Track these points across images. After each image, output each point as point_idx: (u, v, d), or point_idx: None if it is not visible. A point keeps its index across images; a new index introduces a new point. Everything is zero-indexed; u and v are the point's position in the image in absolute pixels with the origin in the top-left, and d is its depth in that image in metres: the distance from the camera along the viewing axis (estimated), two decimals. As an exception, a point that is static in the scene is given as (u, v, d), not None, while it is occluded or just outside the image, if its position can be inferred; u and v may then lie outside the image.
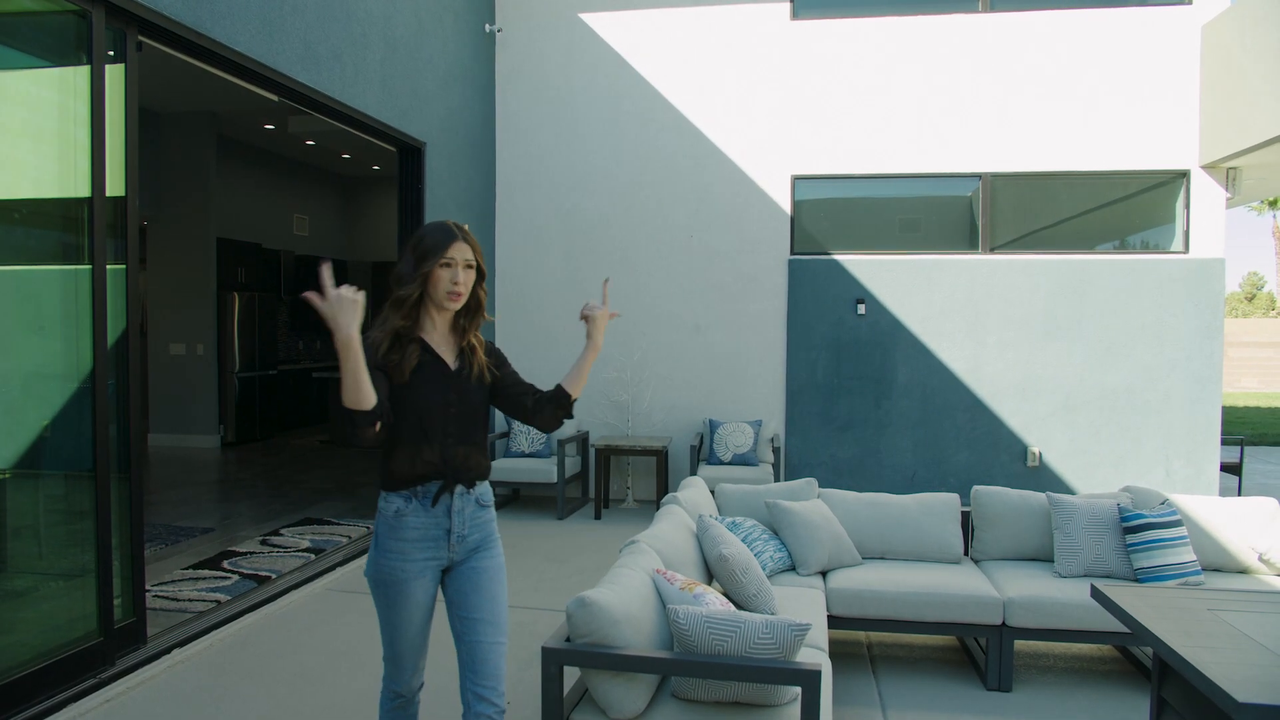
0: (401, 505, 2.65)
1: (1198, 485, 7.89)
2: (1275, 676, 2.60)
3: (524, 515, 8.03)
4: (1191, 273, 7.95)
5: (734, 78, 8.47)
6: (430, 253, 2.62)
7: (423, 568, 2.66)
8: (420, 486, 2.65)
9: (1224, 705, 2.48)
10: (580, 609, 2.79)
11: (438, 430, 2.64)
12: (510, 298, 8.84)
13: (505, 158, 8.85)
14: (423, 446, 2.63)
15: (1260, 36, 7.13)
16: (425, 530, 2.65)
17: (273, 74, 5.35)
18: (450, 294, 2.63)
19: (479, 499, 2.76)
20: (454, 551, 2.71)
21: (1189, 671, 2.68)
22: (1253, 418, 17.41)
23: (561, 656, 2.79)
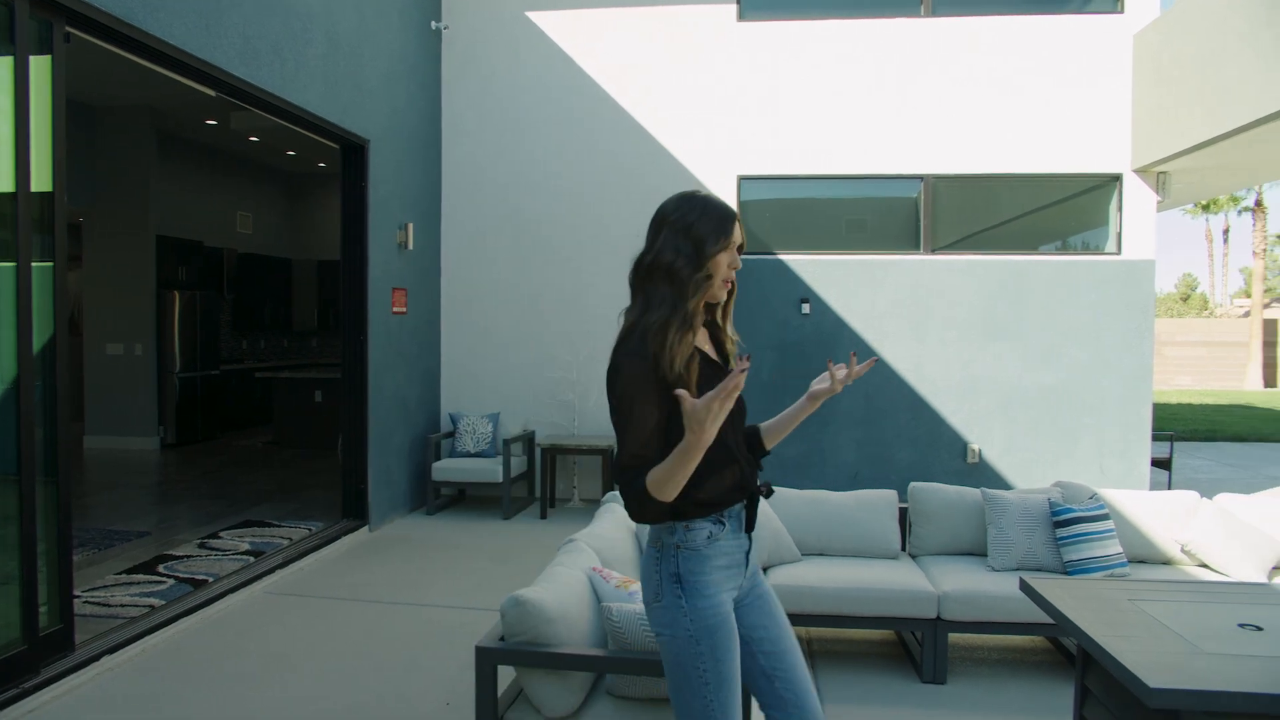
0: (714, 529, 2.25)
1: (1130, 480, 8.11)
2: (1186, 662, 2.69)
3: (470, 515, 7.99)
4: (1124, 274, 8.17)
5: (681, 78, 8.51)
6: (713, 234, 2.25)
7: (730, 598, 2.27)
8: (727, 510, 2.27)
9: (1137, 691, 2.56)
10: (514, 608, 2.79)
11: (736, 444, 2.30)
12: (455, 298, 8.78)
13: (451, 156, 8.79)
14: (730, 466, 2.26)
15: (1187, 46, 7.35)
16: (733, 556, 2.28)
17: (210, 69, 5.26)
18: (727, 281, 2.30)
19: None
20: (746, 576, 2.34)
21: (1106, 659, 2.76)
22: (1185, 414, 17.93)
23: (495, 656, 2.79)
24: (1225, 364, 27.41)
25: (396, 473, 7.79)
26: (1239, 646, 2.84)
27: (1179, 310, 45.26)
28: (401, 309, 7.85)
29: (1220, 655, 2.75)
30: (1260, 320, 27.59)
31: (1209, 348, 27.52)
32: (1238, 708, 2.53)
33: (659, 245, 2.30)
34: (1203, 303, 44.89)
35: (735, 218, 2.32)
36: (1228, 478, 10.46)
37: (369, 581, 5.93)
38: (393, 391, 7.70)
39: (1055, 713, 3.97)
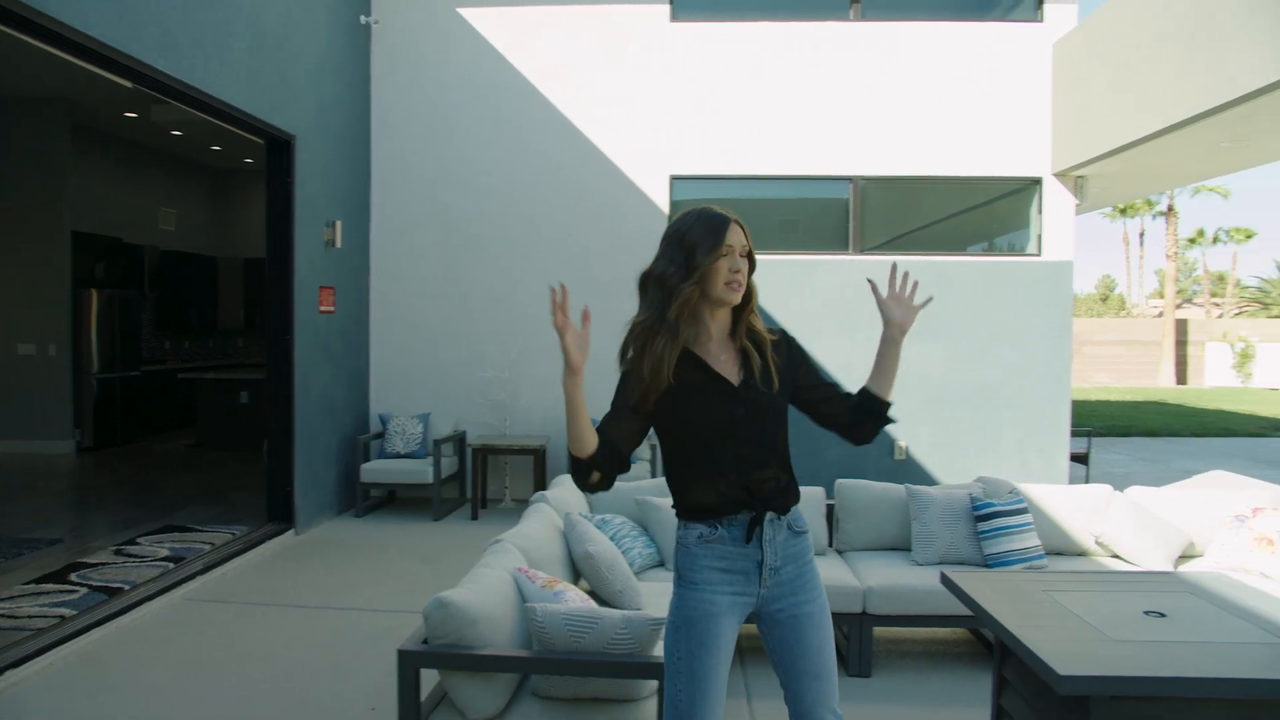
0: (706, 531, 2.33)
1: (1050, 475, 8.35)
2: (1095, 650, 2.78)
3: (400, 517, 7.88)
4: (1044, 275, 8.41)
5: (614, 77, 8.51)
6: (703, 243, 2.31)
7: (731, 604, 2.32)
8: (727, 518, 2.32)
9: (1048, 679, 2.64)
10: (437, 610, 2.76)
11: (729, 455, 2.31)
12: (384, 297, 8.65)
13: (380, 153, 8.65)
14: (715, 476, 2.31)
15: (1103, 56, 7.60)
16: (733, 563, 2.32)
17: (127, 60, 5.09)
18: (730, 284, 2.32)
19: (793, 525, 2.40)
20: (765, 588, 2.34)
21: (1020, 649, 2.84)
22: (1103, 410, 18.54)
23: (418, 659, 2.76)
24: (1141, 362, 28.43)
25: (324, 474, 7.65)
26: (1144, 633, 2.94)
27: (1098, 310, 46.77)
28: (329, 307, 7.71)
29: (1127, 642, 2.85)
30: (1173, 320, 28.68)
31: (1126, 346, 28.51)
32: (1142, 691, 2.63)
33: (657, 255, 2.40)
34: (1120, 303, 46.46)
35: (729, 225, 2.35)
36: (1141, 471, 10.84)
37: (294, 586, 5.81)
38: (320, 391, 7.55)
39: (976, 702, 4.06)
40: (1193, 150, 7.34)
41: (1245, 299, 39.17)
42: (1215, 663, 2.72)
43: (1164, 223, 32.39)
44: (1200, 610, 3.19)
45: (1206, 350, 28.16)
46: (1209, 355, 28.07)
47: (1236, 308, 39.03)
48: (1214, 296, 40.06)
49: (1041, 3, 8.39)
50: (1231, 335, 28.03)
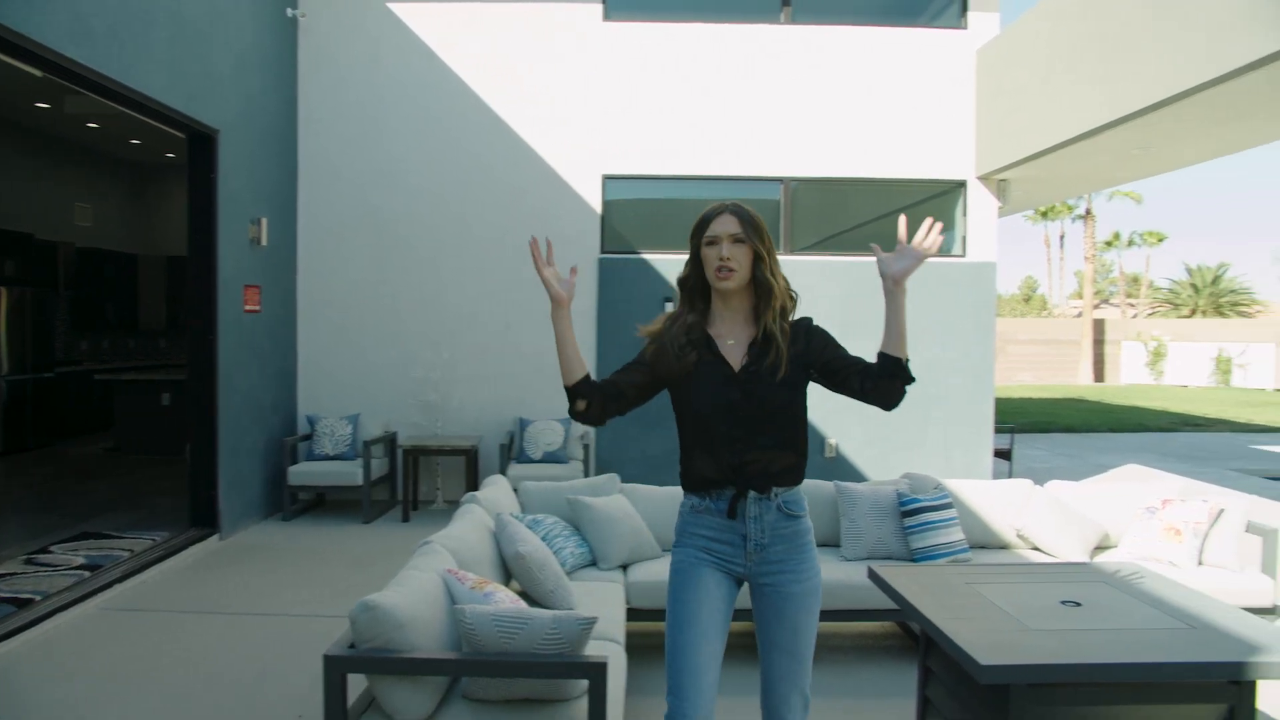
0: (697, 503, 2.56)
1: (974, 470, 8.57)
2: (1015, 639, 2.86)
3: (329, 520, 7.74)
4: (969, 275, 8.63)
5: (547, 76, 8.48)
6: (695, 232, 2.53)
7: (717, 563, 2.53)
8: (714, 492, 2.52)
9: (970, 669, 2.71)
10: (364, 613, 2.72)
11: (721, 435, 2.47)
12: (312, 296, 8.48)
13: (308, 150, 8.47)
14: (707, 453, 2.49)
15: (1022, 64, 7.82)
16: (719, 533, 2.53)
17: (34, 46, 4.88)
18: (718, 271, 2.47)
19: (784, 506, 2.52)
20: (751, 561, 2.52)
21: (944, 641, 2.91)
22: (1027, 408, 19.09)
23: (343, 664, 2.71)
24: (1061, 361, 29.34)
25: (250, 477, 7.47)
26: (1061, 622, 3.04)
27: (1021, 310, 48.12)
28: (255, 307, 7.53)
29: (1044, 631, 2.94)
30: (1090, 320, 29.67)
31: (1047, 345, 29.39)
32: (1058, 678, 2.72)
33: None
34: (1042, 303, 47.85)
35: (716, 215, 2.53)
36: (1061, 466, 11.19)
37: (218, 592, 5.66)
38: (246, 392, 7.37)
39: (903, 694, 4.14)
40: (1107, 156, 7.61)
41: (1158, 300, 40.69)
42: (1126, 648, 2.82)
43: (1082, 226, 33.48)
44: (1113, 599, 3.31)
45: (1122, 349, 29.18)
46: (1124, 354, 29.10)
47: (1150, 308, 40.53)
48: (1129, 297, 41.55)
49: (966, 11, 8.60)
50: (1145, 335, 29.10)
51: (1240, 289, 37.47)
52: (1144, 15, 6.11)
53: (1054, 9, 7.29)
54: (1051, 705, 2.83)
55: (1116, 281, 42.61)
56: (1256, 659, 2.75)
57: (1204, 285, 37.80)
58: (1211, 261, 46.58)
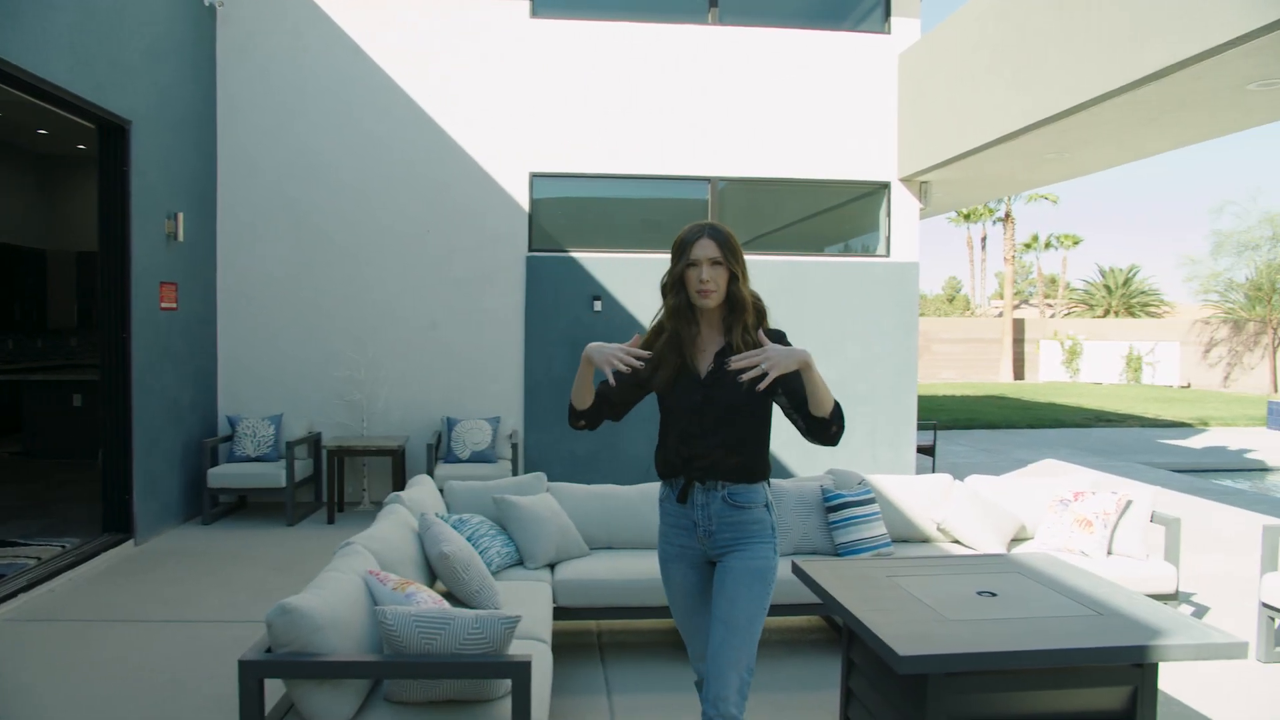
0: (662, 492, 2.90)
1: (898, 466, 8.75)
2: (932, 630, 2.93)
3: (251, 523, 7.55)
4: (892, 275, 8.81)
5: (473, 72, 8.40)
6: (677, 255, 2.76)
7: (679, 552, 2.86)
8: (671, 480, 2.84)
9: (889, 660, 2.76)
10: (280, 617, 2.65)
11: (682, 431, 2.76)
12: (233, 293, 8.25)
13: (227, 143, 8.24)
14: (666, 445, 2.82)
15: (942, 69, 8.01)
16: (677, 519, 2.85)
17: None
18: (700, 292, 2.72)
19: (729, 498, 2.76)
20: (704, 544, 2.81)
21: (864, 633, 2.96)
22: (949, 405, 19.57)
23: (259, 669, 2.64)
24: (983, 359, 30.14)
25: (167, 481, 7.24)
26: (976, 612, 3.12)
27: (945, 310, 49.28)
28: (171, 304, 7.30)
29: (961, 621, 3.02)
30: (1010, 320, 30.54)
31: (969, 344, 30.16)
32: (973, 666, 2.79)
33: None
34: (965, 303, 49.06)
35: (696, 240, 2.73)
36: (982, 461, 11.49)
37: (132, 600, 5.47)
38: (161, 393, 7.14)
39: (827, 686, 4.21)
40: (1023, 160, 7.84)
41: (1074, 300, 42.05)
42: (1038, 636, 2.91)
43: (1002, 228, 34.42)
44: (1027, 589, 3.41)
45: (1040, 348, 30.10)
46: (1042, 353, 30.02)
47: (1067, 308, 41.88)
48: (1047, 298, 42.85)
49: (889, 16, 8.77)
50: (1062, 334, 30.07)
51: (1149, 290, 38.95)
52: (1054, 25, 6.32)
53: (971, 16, 7.48)
54: (967, 693, 2.91)
55: (1035, 282, 43.89)
56: (1157, 643, 2.87)
57: (1116, 287, 39.20)
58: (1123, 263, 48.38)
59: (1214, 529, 7.48)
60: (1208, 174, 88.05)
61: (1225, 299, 26.37)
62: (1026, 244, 39.23)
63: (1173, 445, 13.68)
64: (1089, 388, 25.94)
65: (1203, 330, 26.95)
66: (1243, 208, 25.37)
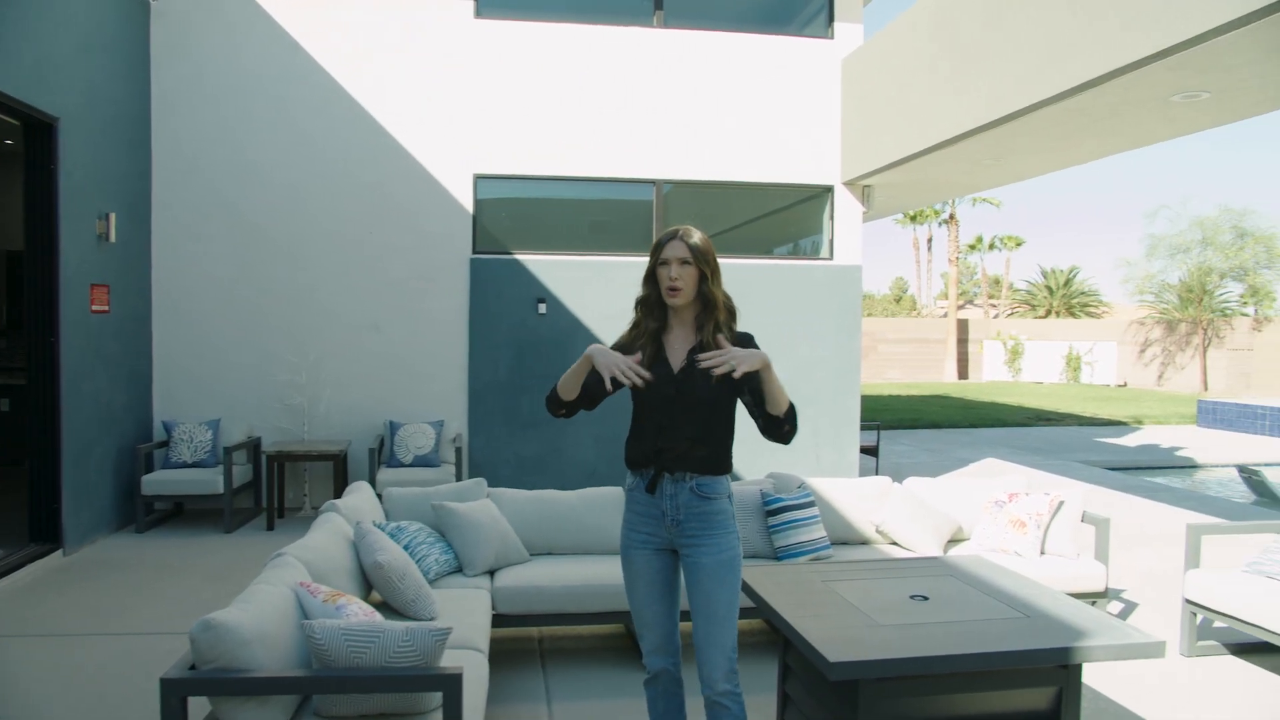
0: (630, 482, 3.02)
1: (841, 467, 8.85)
2: (863, 635, 2.96)
3: (187, 531, 7.39)
4: (835, 278, 8.90)
5: (416, 72, 8.31)
6: (651, 255, 2.94)
7: (644, 540, 2.98)
8: (641, 470, 2.97)
9: (820, 666, 2.79)
10: (204, 632, 2.60)
11: (655, 423, 2.91)
12: (169, 295, 8.07)
13: (163, 142, 8.05)
14: (643, 436, 2.95)
15: (884, 74, 8.12)
16: (645, 508, 2.97)
17: None
18: (669, 290, 2.89)
19: (696, 489, 2.91)
20: (671, 533, 2.94)
21: (796, 639, 2.98)
22: (894, 405, 19.85)
23: (182, 687, 2.58)
24: (928, 359, 30.63)
25: (99, 488, 7.05)
26: (908, 616, 3.16)
27: (893, 310, 50.00)
28: (103, 307, 7.11)
29: (892, 626, 3.05)
30: (955, 320, 31.08)
31: (915, 344, 30.63)
32: (904, 671, 2.82)
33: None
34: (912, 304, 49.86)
35: (668, 241, 2.91)
36: (926, 461, 11.67)
37: (58, 612, 5.32)
38: (93, 397, 6.96)
39: (766, 689, 4.23)
40: (962, 165, 7.98)
41: (1017, 301, 42.95)
42: (965, 639, 2.96)
43: (947, 230, 35.01)
44: (958, 591, 3.47)
45: (984, 348, 30.69)
46: (986, 352, 30.61)
47: (1010, 309, 42.75)
48: (991, 298, 43.71)
49: (832, 21, 8.87)
50: (1004, 334, 30.68)
51: (1089, 291, 39.95)
52: (987, 35, 6.44)
53: (909, 24, 7.59)
54: (898, 697, 2.94)
55: (979, 283, 44.74)
56: (1080, 644, 2.93)
57: (1058, 287, 40.13)
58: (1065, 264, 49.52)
59: (1145, 526, 7.68)
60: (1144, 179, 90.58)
61: (1159, 300, 27.12)
62: (971, 245, 39.99)
63: (1108, 444, 14.03)
64: (1030, 387, 26.49)
65: (1138, 330, 27.69)
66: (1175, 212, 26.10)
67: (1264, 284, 25.52)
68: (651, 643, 3.04)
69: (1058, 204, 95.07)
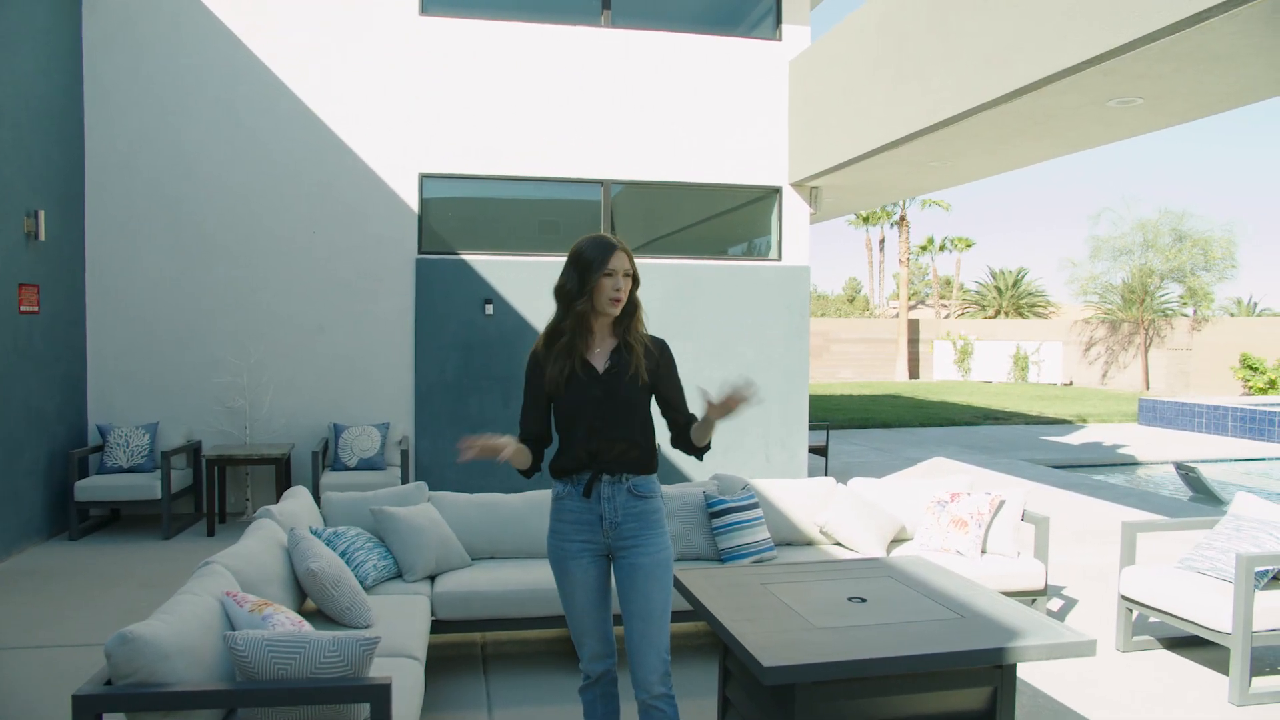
0: (560, 490, 2.98)
1: (791, 468, 8.89)
2: (799, 639, 2.96)
3: (123, 538, 7.20)
4: (783, 279, 8.94)
5: (361, 69, 8.18)
6: (593, 266, 2.86)
7: (580, 549, 2.94)
8: (575, 476, 2.93)
9: (754, 670, 2.78)
10: (120, 647, 2.51)
11: (584, 426, 2.89)
12: (104, 295, 7.86)
13: (97, 137, 7.83)
14: (574, 441, 2.91)
15: (830, 77, 8.17)
16: (579, 515, 2.93)
17: None
18: (613, 300, 2.89)
19: (633, 489, 2.93)
20: (609, 537, 2.93)
21: (732, 643, 2.97)
22: (845, 404, 20.03)
23: (95, 704, 2.49)
24: (880, 359, 30.98)
25: (28, 494, 6.84)
26: (845, 619, 3.16)
27: (846, 310, 50.47)
28: (32, 307, 6.90)
29: (829, 629, 3.05)
30: (906, 320, 31.46)
31: (867, 344, 30.96)
32: (838, 674, 2.82)
33: (561, 273, 2.96)
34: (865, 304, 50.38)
35: (614, 250, 2.90)
36: (875, 460, 11.78)
37: (-18, 623, 5.14)
38: (22, 401, 6.75)
39: (708, 693, 4.23)
40: (907, 167, 8.05)
41: (967, 301, 43.62)
42: (902, 641, 2.96)
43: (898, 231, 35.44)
44: (896, 593, 3.48)
45: (934, 347, 31.11)
46: (936, 352, 31.03)
47: (960, 309, 43.40)
48: (942, 299, 44.32)
49: (780, 23, 8.90)
50: (954, 334, 31.13)
51: (1037, 292, 40.70)
52: (930, 39, 6.50)
53: (855, 27, 7.65)
54: (834, 700, 2.94)
55: (931, 284, 45.35)
56: (1014, 644, 2.95)
57: (1006, 288, 40.82)
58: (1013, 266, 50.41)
59: (1087, 523, 7.82)
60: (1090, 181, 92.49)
61: (1104, 301, 27.70)
62: (922, 246, 40.53)
63: (1053, 442, 14.28)
64: (979, 386, 26.90)
65: (1083, 330, 28.26)
66: (1118, 214, 26.62)
67: (1202, 286, 26.18)
68: (593, 649, 3.03)
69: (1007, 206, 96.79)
